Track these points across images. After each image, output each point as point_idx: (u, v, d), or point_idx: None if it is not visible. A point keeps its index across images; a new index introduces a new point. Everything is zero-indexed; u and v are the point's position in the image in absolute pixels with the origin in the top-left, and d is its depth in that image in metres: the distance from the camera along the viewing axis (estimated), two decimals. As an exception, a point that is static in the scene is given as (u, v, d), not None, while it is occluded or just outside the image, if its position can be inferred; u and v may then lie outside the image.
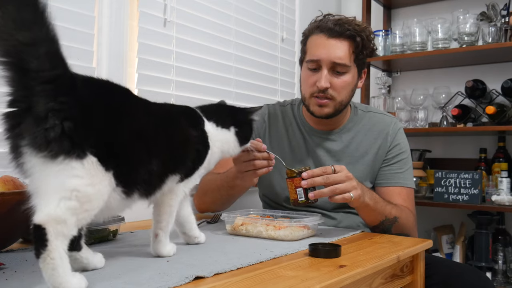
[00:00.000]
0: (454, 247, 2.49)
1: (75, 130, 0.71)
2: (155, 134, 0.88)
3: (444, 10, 2.66)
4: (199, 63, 1.97)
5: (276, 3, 2.46)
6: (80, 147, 0.72)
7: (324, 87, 1.44)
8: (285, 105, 1.69)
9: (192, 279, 0.79)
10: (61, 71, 0.72)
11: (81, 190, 0.72)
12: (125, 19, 1.69)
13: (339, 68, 1.44)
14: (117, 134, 0.79)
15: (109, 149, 0.76)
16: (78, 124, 0.71)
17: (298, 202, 1.26)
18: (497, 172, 2.39)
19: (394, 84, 2.88)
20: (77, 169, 0.71)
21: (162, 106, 0.99)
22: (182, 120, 1.01)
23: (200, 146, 1.04)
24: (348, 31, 1.43)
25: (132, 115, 0.84)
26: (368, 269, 0.95)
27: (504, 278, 2.28)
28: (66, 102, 0.71)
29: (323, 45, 1.44)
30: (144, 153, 0.84)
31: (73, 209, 0.71)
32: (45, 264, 0.68)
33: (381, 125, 1.59)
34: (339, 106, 1.49)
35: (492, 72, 2.55)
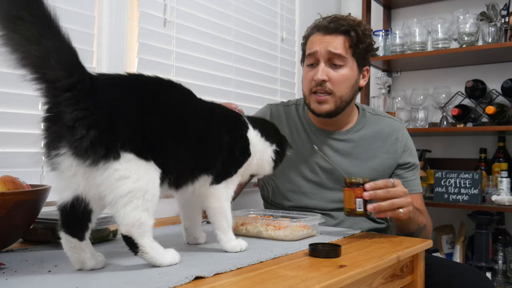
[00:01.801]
0: (454, 247, 2.49)
1: (101, 135, 0.75)
2: (187, 127, 0.92)
3: (444, 10, 2.66)
4: (199, 63, 1.97)
5: (276, 3, 2.46)
6: (113, 149, 0.77)
7: (321, 79, 1.44)
8: (289, 105, 1.68)
9: (192, 279, 0.79)
10: (78, 77, 0.75)
11: (134, 188, 0.79)
12: (125, 19, 1.69)
13: (336, 60, 1.45)
14: (147, 126, 0.82)
15: (143, 141, 0.81)
16: (103, 127, 0.76)
17: (355, 212, 1.22)
18: (497, 172, 2.39)
19: (394, 84, 2.88)
20: (120, 170, 0.78)
21: (205, 104, 1.02)
22: (222, 121, 1.03)
23: (239, 151, 1.06)
24: (343, 27, 1.45)
25: (163, 108, 0.87)
26: (368, 269, 0.95)
27: (504, 278, 2.28)
28: (88, 108, 0.75)
29: (320, 41, 1.47)
30: (174, 143, 0.87)
31: (139, 207, 0.80)
32: (143, 257, 0.84)
33: (389, 130, 1.58)
34: (340, 103, 1.48)
35: (492, 72, 2.55)
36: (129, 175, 0.78)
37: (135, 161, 0.79)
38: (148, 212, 0.81)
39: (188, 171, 0.94)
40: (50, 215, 1.11)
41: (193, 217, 1.12)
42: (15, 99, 1.37)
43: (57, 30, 0.75)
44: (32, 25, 0.72)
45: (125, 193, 0.78)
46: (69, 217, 0.82)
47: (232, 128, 1.05)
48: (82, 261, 0.84)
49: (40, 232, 1.11)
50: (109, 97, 0.79)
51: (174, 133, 0.87)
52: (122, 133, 0.78)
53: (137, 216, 0.80)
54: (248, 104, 2.19)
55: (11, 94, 1.36)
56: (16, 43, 0.71)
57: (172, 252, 0.89)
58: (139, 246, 0.82)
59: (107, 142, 0.76)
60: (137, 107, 0.82)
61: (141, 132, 0.81)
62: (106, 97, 0.79)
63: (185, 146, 0.90)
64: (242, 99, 2.18)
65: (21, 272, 0.84)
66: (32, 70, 0.74)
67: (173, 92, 0.94)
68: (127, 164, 0.78)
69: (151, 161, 0.82)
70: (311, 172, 1.55)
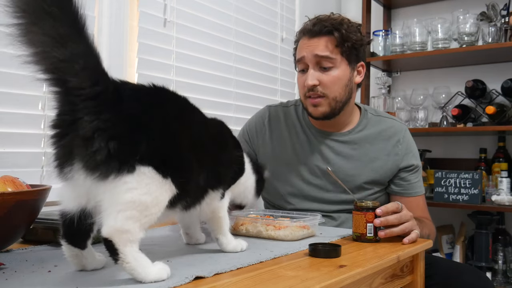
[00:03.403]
0: (454, 247, 2.49)
1: (121, 148, 0.71)
2: (206, 146, 0.90)
3: (444, 10, 2.66)
4: (199, 63, 1.97)
5: (276, 3, 2.46)
6: (129, 162, 0.72)
7: (311, 84, 1.43)
8: (288, 106, 1.67)
9: (192, 279, 0.79)
10: (103, 86, 0.71)
11: (137, 200, 0.73)
12: (125, 19, 1.69)
13: (324, 63, 1.44)
14: (170, 143, 0.79)
15: (164, 156, 0.77)
16: (124, 140, 0.72)
17: (366, 237, 1.19)
18: (497, 172, 2.39)
19: (394, 84, 2.88)
20: (130, 183, 0.73)
21: (212, 121, 1.01)
22: (230, 139, 1.06)
23: (238, 167, 1.08)
24: (326, 28, 1.43)
25: (185, 125, 0.85)
26: (368, 269, 0.95)
27: (504, 278, 2.28)
28: (110, 119, 0.70)
29: (306, 45, 1.47)
30: (195, 163, 0.84)
31: (133, 218, 0.73)
32: (124, 267, 0.75)
33: (391, 131, 1.56)
34: (334, 104, 1.47)
35: (492, 72, 2.55)
36: (137, 188, 0.73)
37: (150, 175, 0.75)
38: (141, 225, 0.75)
39: (203, 192, 0.92)
40: (50, 215, 1.12)
41: (193, 222, 1.12)
42: (15, 99, 1.37)
43: (84, 32, 0.70)
44: (61, 24, 0.67)
45: (125, 202, 0.73)
46: (72, 229, 0.79)
47: (236, 145, 1.09)
48: (83, 265, 0.84)
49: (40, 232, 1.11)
50: (134, 109, 0.75)
51: (195, 152, 0.84)
52: (144, 147, 0.74)
53: (127, 224, 0.73)
54: (248, 104, 2.19)
55: (11, 94, 1.36)
56: (39, 41, 0.66)
57: (159, 266, 0.78)
58: (120, 254, 0.73)
59: (125, 155, 0.72)
60: (162, 122, 0.78)
61: (164, 148, 0.77)
62: (131, 109, 0.74)
63: (205, 166, 0.88)
64: (242, 99, 2.18)
65: (21, 272, 0.84)
66: (52, 73, 0.68)
67: (190, 107, 0.91)
68: (140, 177, 0.73)
69: (168, 178, 0.77)
70: (312, 175, 1.55)
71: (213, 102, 2.02)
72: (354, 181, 1.51)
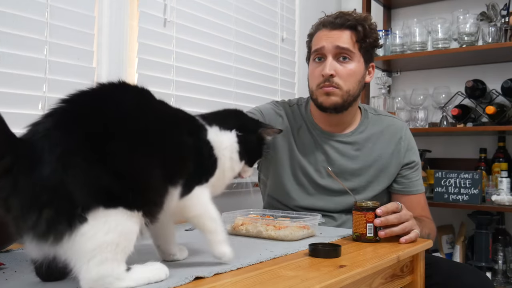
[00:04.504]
0: (454, 247, 2.49)
1: (59, 210, 0.65)
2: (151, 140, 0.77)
3: (444, 10, 2.66)
4: (199, 63, 1.97)
5: (276, 3, 2.46)
6: (76, 215, 0.66)
7: (329, 73, 1.43)
8: (292, 105, 1.65)
9: (192, 279, 0.79)
10: (11, 156, 0.64)
11: (103, 243, 0.68)
12: (125, 19, 1.69)
13: (343, 55, 1.45)
14: (105, 168, 0.69)
15: (106, 189, 0.69)
16: (58, 201, 0.65)
17: (365, 237, 1.19)
18: (497, 172, 2.39)
19: (394, 84, 2.88)
20: (88, 232, 0.67)
21: (160, 107, 0.86)
22: (183, 124, 0.89)
23: (206, 158, 0.91)
24: (349, 22, 1.45)
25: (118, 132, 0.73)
26: (368, 269, 0.95)
27: (504, 278, 2.28)
28: (32, 189, 0.64)
29: (327, 36, 1.47)
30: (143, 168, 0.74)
31: (106, 260, 0.69)
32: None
33: (392, 129, 1.57)
34: (347, 97, 1.46)
35: (492, 72, 2.55)
36: (97, 232, 0.67)
37: (103, 214, 0.68)
38: (117, 261, 0.71)
39: (162, 194, 0.80)
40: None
41: (164, 231, 0.93)
42: (15, 99, 1.37)
43: None
44: None
45: (91, 250, 0.67)
46: (45, 271, 0.76)
47: (192, 131, 0.89)
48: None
49: (40, 232, 1.11)
50: (51, 159, 0.65)
51: (136, 158, 0.73)
52: (80, 194, 0.66)
53: (101, 270, 0.68)
54: (248, 104, 2.19)
55: (11, 94, 1.36)
56: None
57: (156, 266, 0.79)
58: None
59: (68, 212, 0.66)
60: (86, 152, 0.68)
61: (102, 178, 0.68)
62: (50, 168, 0.65)
63: (154, 164, 0.76)
64: (242, 99, 2.18)
65: (21, 272, 0.84)
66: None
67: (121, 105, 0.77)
68: (95, 221, 0.67)
69: (119, 207, 0.70)
70: (317, 175, 1.54)
71: (213, 102, 2.01)
72: (360, 181, 1.53)
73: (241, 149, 0.97)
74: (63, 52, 1.49)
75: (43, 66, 1.43)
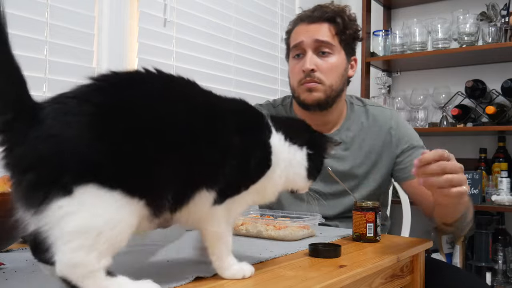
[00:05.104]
0: (454, 247, 2.49)
1: (40, 176, 0.59)
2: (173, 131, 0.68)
3: (444, 10, 2.66)
4: (199, 63, 1.97)
5: (276, 3, 2.46)
6: (59, 186, 0.59)
7: (310, 68, 1.37)
8: (276, 106, 1.60)
9: (192, 279, 0.79)
10: (14, 113, 0.61)
11: (83, 227, 0.60)
12: (125, 19, 1.69)
13: (323, 48, 1.40)
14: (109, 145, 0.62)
15: (108, 165, 0.61)
16: (41, 168, 0.59)
17: (365, 237, 1.18)
18: (497, 172, 2.39)
19: (394, 84, 2.88)
20: (67, 206, 0.59)
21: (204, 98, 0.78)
22: (230, 119, 0.77)
23: (256, 161, 0.79)
24: (327, 14, 1.41)
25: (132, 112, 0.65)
26: (368, 269, 0.95)
27: (504, 278, 2.28)
28: (24, 150, 0.59)
29: (305, 30, 1.43)
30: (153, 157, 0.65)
31: (83, 248, 0.60)
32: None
33: (381, 120, 1.49)
34: (330, 92, 1.40)
35: (492, 72, 2.55)
36: (80, 211, 0.60)
37: (94, 194, 0.60)
38: (99, 254, 0.61)
39: (179, 191, 0.70)
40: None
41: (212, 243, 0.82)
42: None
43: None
44: None
45: (69, 231, 0.59)
46: (37, 244, 0.68)
47: (245, 128, 0.78)
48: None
49: (40, 232, 1.11)
50: (53, 127, 0.60)
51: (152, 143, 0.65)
52: (72, 161, 0.59)
53: (76, 257, 0.60)
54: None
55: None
56: None
57: (148, 285, 0.69)
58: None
59: (51, 180, 0.59)
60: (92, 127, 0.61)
61: (104, 152, 0.61)
62: (48, 129, 0.60)
63: (172, 158, 0.67)
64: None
65: (21, 272, 0.84)
66: None
67: (147, 88, 0.70)
68: (81, 199, 0.59)
69: (117, 189, 0.61)
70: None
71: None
72: (352, 181, 1.46)
73: (310, 167, 0.88)
74: (63, 52, 1.49)
75: (43, 66, 1.43)
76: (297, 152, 0.87)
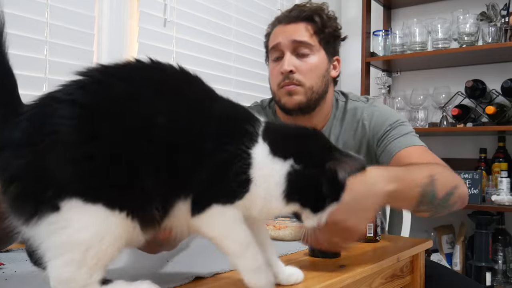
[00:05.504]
0: (454, 247, 2.49)
1: (27, 189, 0.58)
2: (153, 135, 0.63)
3: (444, 10, 2.66)
4: (199, 63, 1.97)
5: (276, 3, 2.46)
6: (47, 201, 0.57)
7: (288, 70, 1.32)
8: (264, 107, 1.57)
9: (192, 279, 0.79)
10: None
11: (71, 241, 0.59)
12: (125, 19, 1.69)
13: (302, 49, 1.34)
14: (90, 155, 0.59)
15: (89, 178, 0.59)
16: (28, 178, 0.58)
17: (365, 237, 1.15)
18: (497, 172, 2.39)
19: (394, 84, 2.88)
20: (56, 223, 0.58)
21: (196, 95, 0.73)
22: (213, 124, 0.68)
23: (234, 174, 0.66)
24: (305, 13, 1.37)
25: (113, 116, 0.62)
26: (368, 269, 0.95)
27: (504, 278, 2.28)
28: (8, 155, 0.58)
29: (282, 31, 1.37)
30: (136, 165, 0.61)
31: (73, 263, 0.59)
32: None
33: (355, 115, 1.41)
34: (311, 94, 1.34)
35: (492, 72, 2.55)
36: (69, 226, 0.58)
37: (79, 208, 0.58)
38: (89, 269, 0.60)
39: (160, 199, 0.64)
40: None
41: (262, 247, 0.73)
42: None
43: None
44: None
45: (58, 245, 0.59)
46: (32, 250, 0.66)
47: (222, 135, 0.67)
48: None
49: (40, 232, 1.11)
50: (33, 135, 0.58)
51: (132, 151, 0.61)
52: (57, 178, 0.58)
53: (66, 272, 0.59)
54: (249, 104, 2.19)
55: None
56: None
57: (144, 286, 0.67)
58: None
59: (38, 194, 0.57)
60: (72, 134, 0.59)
61: (87, 163, 0.59)
62: (29, 137, 0.58)
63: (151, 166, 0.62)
64: (242, 99, 2.18)
65: (21, 272, 0.84)
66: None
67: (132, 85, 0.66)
68: (68, 214, 0.58)
69: (99, 202, 0.59)
70: None
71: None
72: None
73: (292, 187, 0.68)
74: (63, 52, 1.49)
75: (43, 66, 1.43)
76: (276, 166, 0.68)
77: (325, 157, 0.71)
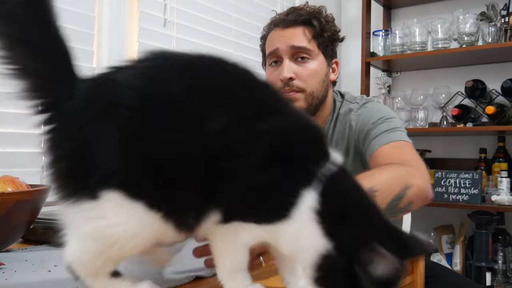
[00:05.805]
0: (454, 247, 2.49)
1: (75, 169, 0.57)
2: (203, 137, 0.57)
3: (444, 10, 2.66)
4: (199, 63, 1.97)
5: (276, 3, 2.46)
6: (88, 187, 0.56)
7: (287, 77, 1.28)
8: None
9: (192, 279, 0.79)
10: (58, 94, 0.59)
11: (100, 233, 0.57)
12: (125, 19, 1.69)
13: (301, 54, 1.31)
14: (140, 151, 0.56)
15: (139, 174, 0.56)
16: (76, 159, 0.57)
17: None
18: (497, 172, 2.39)
19: (394, 84, 2.88)
20: (90, 211, 0.57)
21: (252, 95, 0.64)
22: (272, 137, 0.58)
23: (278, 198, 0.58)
24: (302, 17, 1.33)
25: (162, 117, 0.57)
26: (368, 269, 0.95)
27: (504, 278, 2.28)
28: (61, 133, 0.58)
29: (280, 36, 1.33)
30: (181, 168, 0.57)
31: (94, 251, 0.58)
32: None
33: (345, 117, 1.37)
34: (311, 100, 1.32)
35: (492, 72, 2.55)
36: (103, 217, 0.57)
37: (119, 202, 0.56)
38: (107, 259, 0.59)
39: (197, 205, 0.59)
40: (50, 215, 1.11)
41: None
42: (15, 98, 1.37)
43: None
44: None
45: (85, 231, 0.58)
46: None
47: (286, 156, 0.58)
48: None
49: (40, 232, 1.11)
50: (88, 118, 0.57)
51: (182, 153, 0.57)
52: (107, 166, 0.56)
53: (85, 257, 0.59)
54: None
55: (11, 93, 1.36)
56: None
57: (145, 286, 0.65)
58: (84, 281, 0.60)
59: (82, 178, 0.56)
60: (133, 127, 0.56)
61: (137, 161, 0.56)
62: (89, 115, 0.57)
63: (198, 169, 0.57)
64: (242, 99, 2.19)
65: (21, 272, 0.84)
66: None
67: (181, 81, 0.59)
68: (105, 205, 0.56)
69: (141, 200, 0.56)
70: None
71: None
72: None
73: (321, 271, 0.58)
74: (63, 52, 1.49)
75: (43, 66, 1.43)
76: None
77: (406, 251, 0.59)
